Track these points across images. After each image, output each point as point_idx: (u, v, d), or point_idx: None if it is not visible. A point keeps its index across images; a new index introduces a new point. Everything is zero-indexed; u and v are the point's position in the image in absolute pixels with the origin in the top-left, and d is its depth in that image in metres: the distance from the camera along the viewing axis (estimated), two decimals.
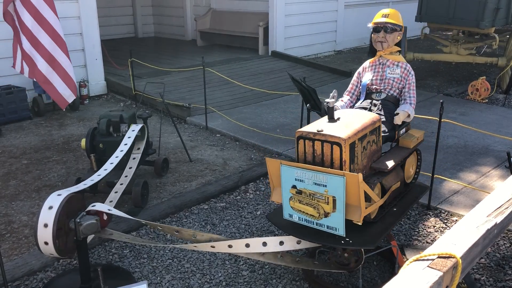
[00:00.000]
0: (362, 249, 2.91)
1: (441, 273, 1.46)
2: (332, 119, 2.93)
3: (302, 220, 2.78)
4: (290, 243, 2.91)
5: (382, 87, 3.55)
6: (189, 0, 12.28)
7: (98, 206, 3.02)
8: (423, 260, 1.53)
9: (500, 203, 2.02)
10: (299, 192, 2.70)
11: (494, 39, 8.06)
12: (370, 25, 3.60)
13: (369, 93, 3.58)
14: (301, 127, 3.23)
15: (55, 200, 2.87)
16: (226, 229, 3.94)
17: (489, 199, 2.08)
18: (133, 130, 4.29)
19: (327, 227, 2.71)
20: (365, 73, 3.68)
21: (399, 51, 3.64)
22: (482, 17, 7.52)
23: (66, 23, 7.07)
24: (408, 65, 3.59)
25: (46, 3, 5.13)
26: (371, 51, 3.76)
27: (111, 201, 3.81)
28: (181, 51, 10.84)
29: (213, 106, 6.68)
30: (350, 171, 2.71)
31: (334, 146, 2.70)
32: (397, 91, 3.55)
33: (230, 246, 2.97)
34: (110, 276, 3.13)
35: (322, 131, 2.74)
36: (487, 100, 7.46)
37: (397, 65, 3.56)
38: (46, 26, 5.14)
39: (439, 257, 1.54)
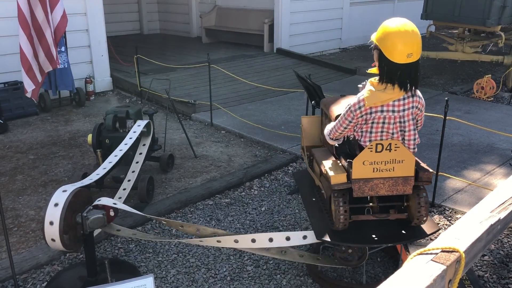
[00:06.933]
0: (366, 246, 2.93)
1: (445, 267, 1.48)
2: None
3: None
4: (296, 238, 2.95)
5: None
6: None
7: (104, 201, 3.05)
8: (427, 254, 1.55)
9: (504, 199, 2.03)
10: None
11: (500, 37, 8.03)
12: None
13: None
14: None
15: (60, 197, 2.88)
16: (231, 225, 3.96)
17: (493, 195, 2.10)
18: (138, 125, 4.32)
19: None
20: None
21: None
22: (488, 15, 7.49)
23: (73, 19, 7.09)
24: None
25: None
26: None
27: (120, 198, 3.84)
28: (187, 48, 10.86)
29: (218, 103, 6.70)
30: None
31: None
32: None
33: (236, 241, 3.00)
34: (116, 270, 3.16)
35: None
36: (492, 99, 7.44)
37: None
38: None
39: (442, 251, 1.56)
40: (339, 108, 3.25)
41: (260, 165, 4.98)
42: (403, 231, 2.92)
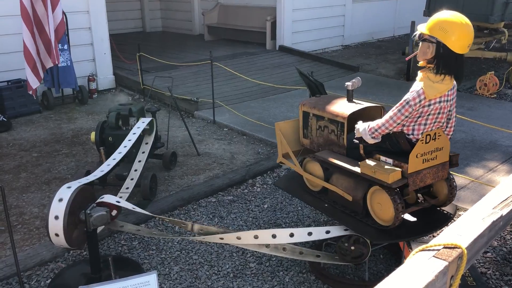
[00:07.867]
0: (369, 242, 2.93)
1: (447, 263, 1.48)
2: (351, 101, 3.31)
3: None
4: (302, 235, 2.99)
5: None
6: None
7: (107, 198, 3.06)
8: (429, 250, 1.55)
9: (506, 195, 2.03)
10: None
11: (503, 33, 8.01)
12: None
13: None
14: None
15: (65, 192, 2.91)
16: (233, 222, 3.97)
17: (495, 192, 2.10)
18: (138, 127, 4.31)
19: None
20: None
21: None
22: (491, 11, 7.47)
23: (75, 17, 7.13)
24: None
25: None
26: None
27: (121, 196, 3.86)
28: (189, 46, 10.86)
29: (220, 100, 6.71)
30: None
31: None
32: None
33: (238, 238, 3.01)
34: (120, 267, 3.17)
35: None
36: (495, 95, 7.42)
37: None
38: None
39: (444, 247, 1.56)
40: (339, 107, 3.23)
41: (263, 163, 4.99)
42: (434, 217, 3.05)
